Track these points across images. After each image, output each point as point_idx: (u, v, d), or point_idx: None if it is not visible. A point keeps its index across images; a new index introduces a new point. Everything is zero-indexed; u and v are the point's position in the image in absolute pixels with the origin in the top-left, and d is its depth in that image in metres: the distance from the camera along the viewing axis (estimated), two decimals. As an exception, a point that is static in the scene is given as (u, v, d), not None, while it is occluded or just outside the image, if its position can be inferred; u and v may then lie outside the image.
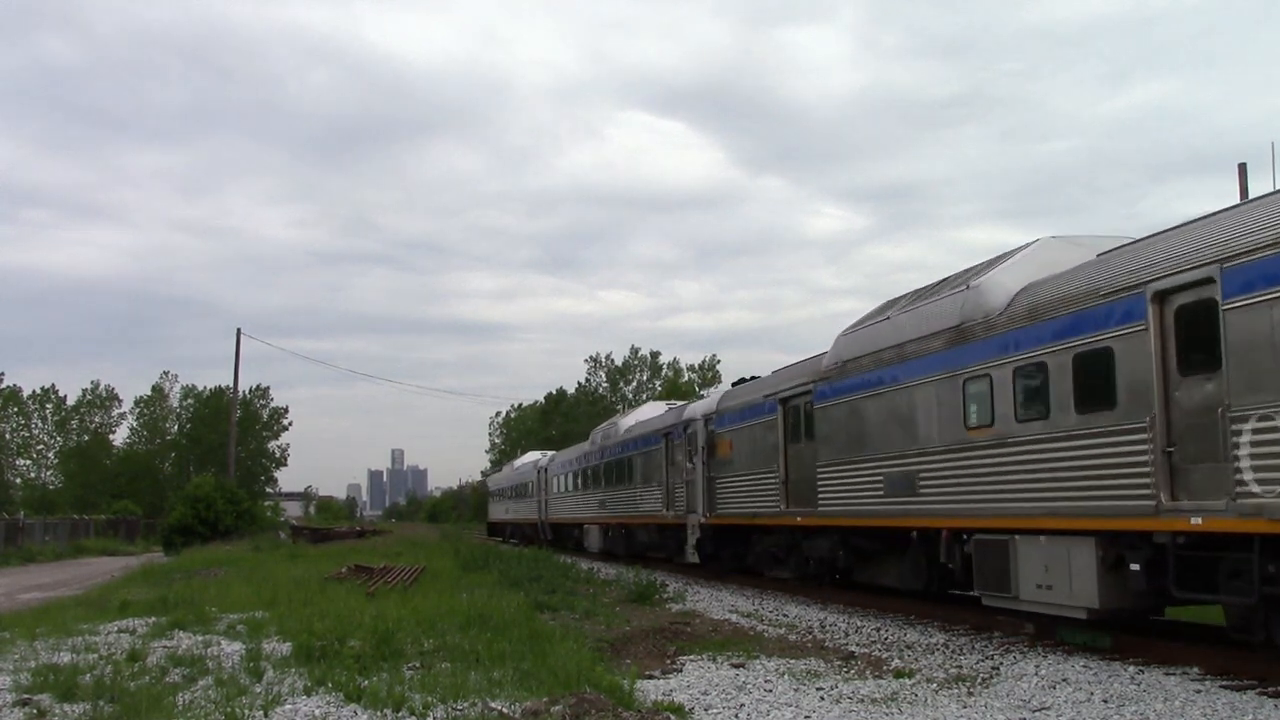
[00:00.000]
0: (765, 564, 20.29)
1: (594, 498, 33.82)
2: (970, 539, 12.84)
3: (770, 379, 20.19)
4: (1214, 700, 8.58)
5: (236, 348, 52.68)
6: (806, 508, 17.40)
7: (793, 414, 18.37)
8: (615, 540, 31.36)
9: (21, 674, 10.06)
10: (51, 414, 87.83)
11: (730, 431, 21.23)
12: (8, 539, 44.38)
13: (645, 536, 28.18)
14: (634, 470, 28.75)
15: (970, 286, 13.36)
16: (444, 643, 11.22)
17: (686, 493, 23.47)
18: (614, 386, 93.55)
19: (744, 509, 20.35)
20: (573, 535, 38.17)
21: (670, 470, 25.14)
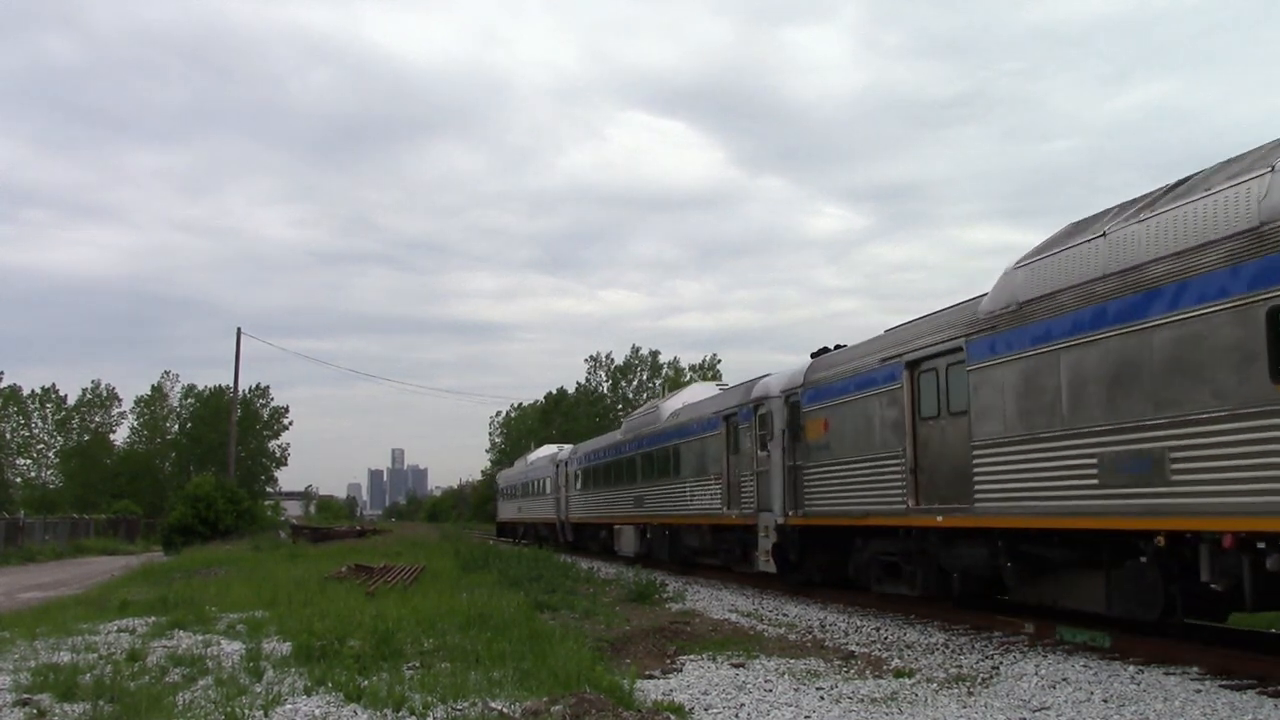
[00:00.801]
0: (874, 576, 15.79)
1: (628, 494, 29.61)
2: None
3: (887, 339, 15.73)
4: (1214, 700, 8.58)
5: (236, 348, 52.77)
6: (951, 504, 13.22)
7: (927, 380, 14.15)
8: (656, 543, 27.01)
9: (21, 674, 10.06)
10: (52, 413, 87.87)
11: (826, 409, 16.92)
12: (8, 538, 44.38)
13: (696, 540, 23.90)
14: (681, 461, 24.56)
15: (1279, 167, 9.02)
16: (444, 642, 11.22)
17: (757, 487, 19.37)
18: (614, 386, 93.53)
19: (846, 506, 16.17)
20: (598, 537, 34.53)
21: (733, 460, 21.07)
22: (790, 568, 18.69)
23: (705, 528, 23.05)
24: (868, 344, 16.39)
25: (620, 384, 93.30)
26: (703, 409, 23.67)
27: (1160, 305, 9.97)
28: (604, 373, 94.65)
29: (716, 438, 22.00)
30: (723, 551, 22.17)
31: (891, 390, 14.87)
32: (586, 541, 36.19)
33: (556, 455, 41.93)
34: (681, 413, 25.50)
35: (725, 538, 21.82)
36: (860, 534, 16.23)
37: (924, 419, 14.21)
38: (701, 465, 22.99)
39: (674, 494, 24.99)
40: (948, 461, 13.51)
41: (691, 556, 24.69)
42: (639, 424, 29.95)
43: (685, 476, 24.19)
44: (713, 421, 22.41)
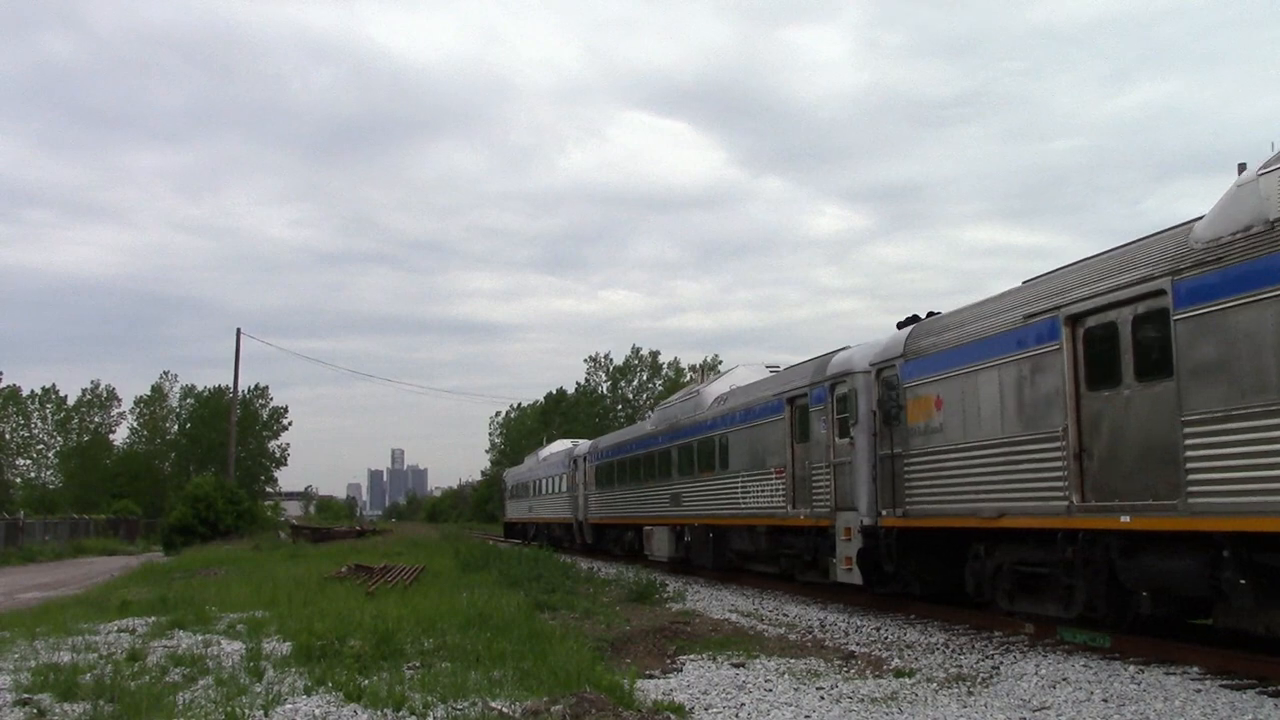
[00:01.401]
0: (1004, 592, 12.83)
1: (660, 492, 26.30)
2: None
3: (1033, 289, 12.46)
4: (1214, 700, 8.58)
5: (236, 348, 52.75)
6: (1143, 500, 10.24)
7: (1100, 337, 11.02)
8: (696, 547, 23.52)
9: (21, 673, 10.06)
10: (52, 414, 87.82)
11: (938, 383, 13.86)
12: (8, 539, 44.37)
13: (747, 543, 20.77)
14: (729, 453, 21.47)
15: None
16: (444, 642, 11.22)
17: (835, 481, 16.33)
18: (614, 386, 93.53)
19: (969, 503, 13.05)
20: (622, 539, 31.31)
21: (800, 450, 17.91)
22: (882, 579, 15.29)
23: (760, 530, 19.92)
24: (1000, 299, 13.22)
25: (620, 384, 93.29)
26: (758, 392, 20.55)
27: None
28: (604, 373, 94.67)
29: (777, 424, 18.91)
30: (784, 557, 19.05)
31: (1043, 353, 11.69)
32: (608, 544, 33.23)
33: (573, 450, 38.63)
34: (729, 398, 22.22)
35: (788, 541, 18.67)
36: (984, 538, 13.10)
37: (1094, 389, 10.97)
38: (757, 457, 19.89)
39: (720, 491, 21.87)
40: (1135, 444, 10.48)
41: (740, 562, 21.71)
42: (674, 413, 26.33)
43: (735, 470, 21.04)
44: (773, 405, 19.22)
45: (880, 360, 15.49)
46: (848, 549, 15.84)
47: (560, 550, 35.86)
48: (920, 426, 14.32)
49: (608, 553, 32.82)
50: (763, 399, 19.94)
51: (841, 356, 16.84)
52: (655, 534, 26.69)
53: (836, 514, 16.26)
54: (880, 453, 15.24)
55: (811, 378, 17.66)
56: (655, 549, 26.60)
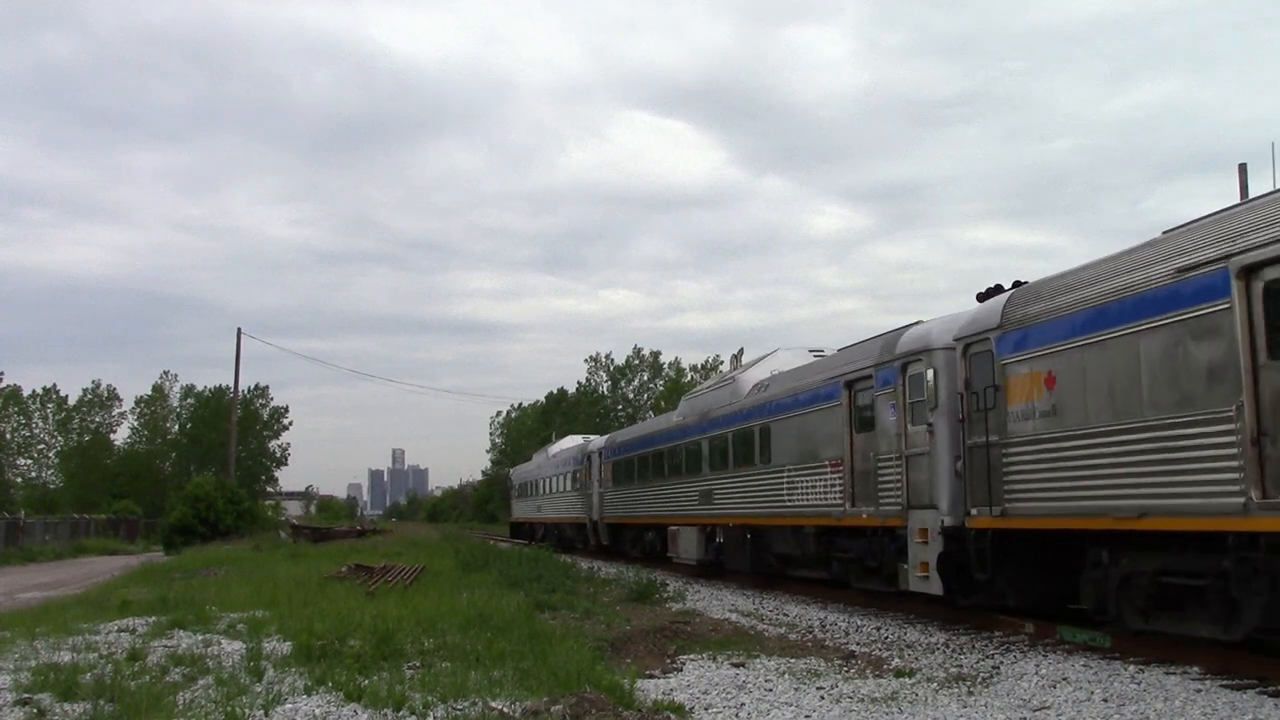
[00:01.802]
0: (1136, 608, 10.82)
1: (688, 489, 24.23)
2: None
3: (1186, 238, 10.43)
4: (1214, 700, 8.58)
5: (237, 347, 52.78)
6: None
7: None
8: (731, 549, 21.44)
9: (21, 673, 10.07)
10: (52, 414, 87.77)
11: (1048, 356, 11.85)
12: (8, 538, 44.37)
13: (793, 545, 18.47)
14: (773, 445, 19.28)
15: None
16: (444, 642, 11.23)
17: (906, 475, 14.37)
18: (614, 386, 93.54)
19: (1098, 500, 10.92)
20: (641, 540, 29.26)
21: (861, 440, 15.90)
22: (967, 588, 13.23)
23: (808, 531, 17.69)
24: (1135, 254, 11.14)
25: (620, 384, 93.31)
26: (808, 376, 18.26)
27: None
28: (604, 373, 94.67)
29: (832, 412, 16.79)
30: (837, 562, 16.85)
31: (1206, 314, 9.67)
32: (625, 545, 31.11)
33: (587, 445, 36.71)
34: (772, 384, 19.96)
35: (842, 544, 16.59)
36: (1108, 542, 11.06)
37: (1278, 358, 9.08)
38: (807, 449, 17.75)
39: (760, 487, 19.69)
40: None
41: (781, 567, 19.63)
42: (707, 402, 24.08)
43: (779, 464, 18.83)
44: (827, 391, 17.05)
45: (969, 334, 13.33)
46: (924, 553, 13.69)
47: (572, 552, 34.93)
48: (1025, 409, 12.16)
49: (624, 554, 30.93)
50: (814, 384, 17.69)
51: (915, 332, 14.79)
52: (682, 534, 24.43)
53: (909, 513, 14.20)
54: (969, 441, 13.10)
55: (877, 358, 15.46)
56: (682, 551, 24.32)
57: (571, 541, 37.34)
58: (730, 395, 22.44)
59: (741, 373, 23.12)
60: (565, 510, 38.60)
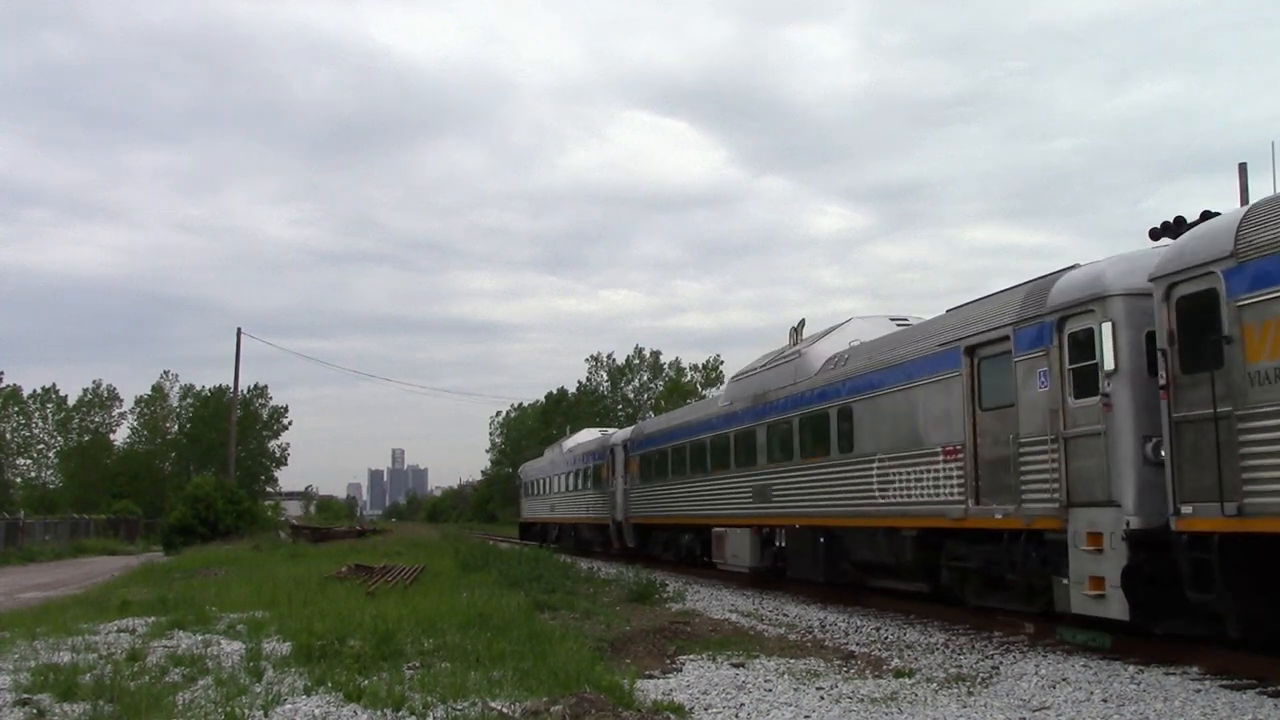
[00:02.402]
0: None
1: (740, 484, 21.03)
2: None
3: None
4: (1214, 700, 8.58)
5: (237, 348, 52.77)
6: None
7: None
8: (797, 556, 18.49)
9: (21, 673, 10.06)
10: (52, 414, 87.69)
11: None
12: (8, 539, 44.34)
13: (885, 552, 15.59)
14: (856, 429, 16.16)
15: None
16: (444, 642, 11.22)
17: (1066, 462, 11.39)
18: (615, 386, 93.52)
19: None
20: (676, 542, 26.34)
21: (991, 420, 12.90)
22: (1167, 610, 10.39)
23: (908, 534, 14.77)
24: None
25: (621, 384, 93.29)
26: (908, 344, 15.21)
27: None
28: (605, 373, 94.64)
29: (945, 385, 13.74)
30: (953, 572, 13.97)
31: None
32: (655, 548, 28.16)
33: (609, 438, 33.86)
34: (854, 356, 16.84)
35: (955, 550, 13.79)
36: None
37: None
38: (906, 433, 14.67)
39: (838, 481, 16.65)
40: None
41: (862, 576, 16.78)
42: (762, 383, 20.61)
43: (865, 453, 15.82)
44: (938, 360, 13.98)
45: (1176, 270, 10.21)
46: (1097, 565, 10.70)
47: (590, 555, 33.37)
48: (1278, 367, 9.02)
49: (654, 559, 27.96)
50: (917, 353, 14.61)
51: (1077, 277, 11.77)
52: (730, 537, 21.19)
53: (1069, 512, 11.21)
54: (1177, 415, 10.01)
55: (1018, 314, 12.41)
56: (730, 556, 21.12)
57: (589, 544, 35.24)
58: (794, 373, 18.95)
59: (809, 346, 19.15)
60: (583, 510, 35.50)
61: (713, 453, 23.00)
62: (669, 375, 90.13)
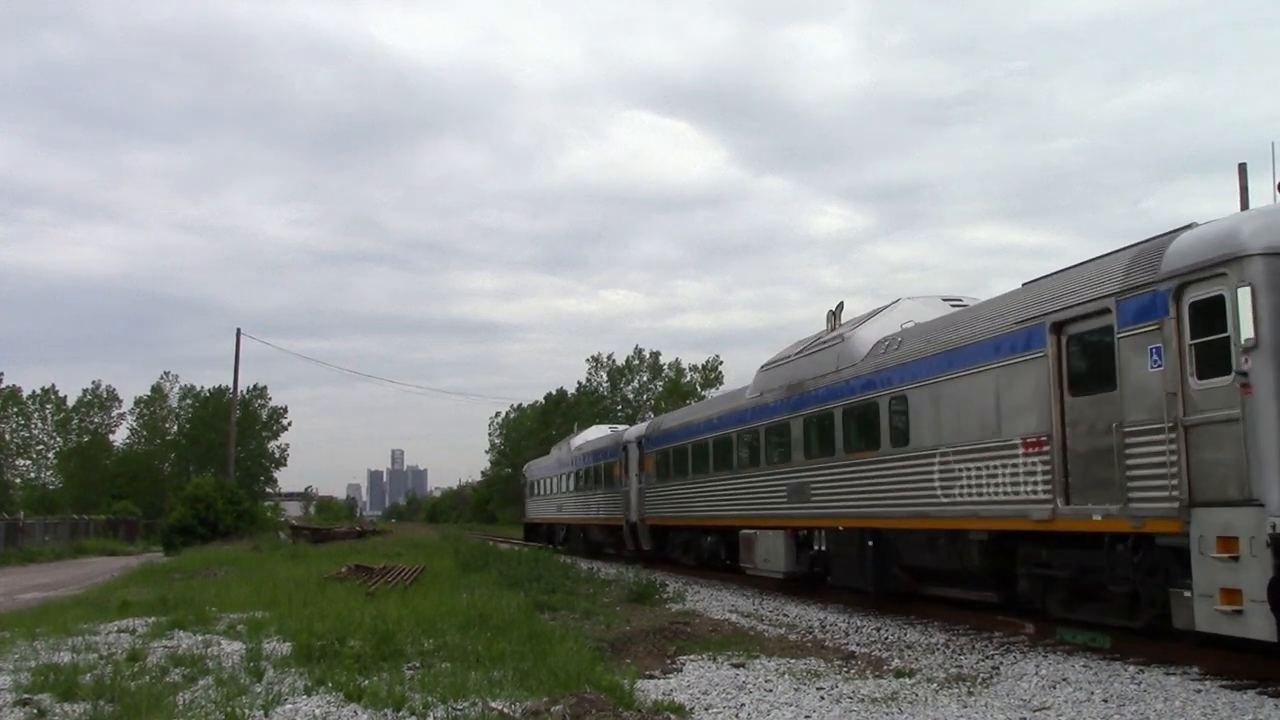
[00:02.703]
0: None
1: (773, 482, 19.18)
2: None
3: None
4: (1214, 700, 8.58)
5: (236, 348, 52.76)
6: None
7: None
8: (842, 561, 16.48)
9: (21, 674, 10.07)
10: (52, 414, 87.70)
11: None
12: (8, 539, 44.34)
13: (947, 556, 13.98)
14: (913, 420, 14.40)
15: None
16: (444, 643, 11.23)
17: (1186, 454, 9.90)
18: (615, 386, 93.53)
19: None
20: (697, 545, 24.48)
21: (1084, 407, 11.32)
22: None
23: (976, 538, 13.14)
24: None
25: (621, 384, 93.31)
26: (978, 323, 13.40)
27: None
28: (605, 373, 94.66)
29: (1025, 368, 12.06)
30: (1034, 581, 12.26)
31: None
32: (674, 551, 26.50)
33: (621, 435, 31.94)
34: (909, 339, 15.11)
35: (1044, 557, 12.03)
36: None
37: None
38: (977, 422, 12.92)
39: (893, 477, 14.87)
40: None
41: (920, 584, 15.31)
42: (798, 371, 18.65)
43: (926, 446, 14.01)
44: (1018, 339, 12.24)
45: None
46: (1232, 575, 9.12)
47: (601, 558, 32.24)
48: None
49: (672, 562, 26.61)
50: (992, 331, 12.89)
51: (1202, 236, 10.11)
52: (761, 540, 19.41)
53: (1193, 512, 9.66)
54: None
55: (1122, 281, 10.82)
56: (761, 560, 19.40)
57: (600, 546, 33.79)
58: (837, 359, 17.07)
59: (853, 330, 17.29)
60: (594, 510, 33.70)
61: (740, 448, 21.27)
62: (669, 376, 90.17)
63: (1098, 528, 10.90)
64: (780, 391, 19.28)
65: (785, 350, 20.61)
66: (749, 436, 20.73)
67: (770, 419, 19.60)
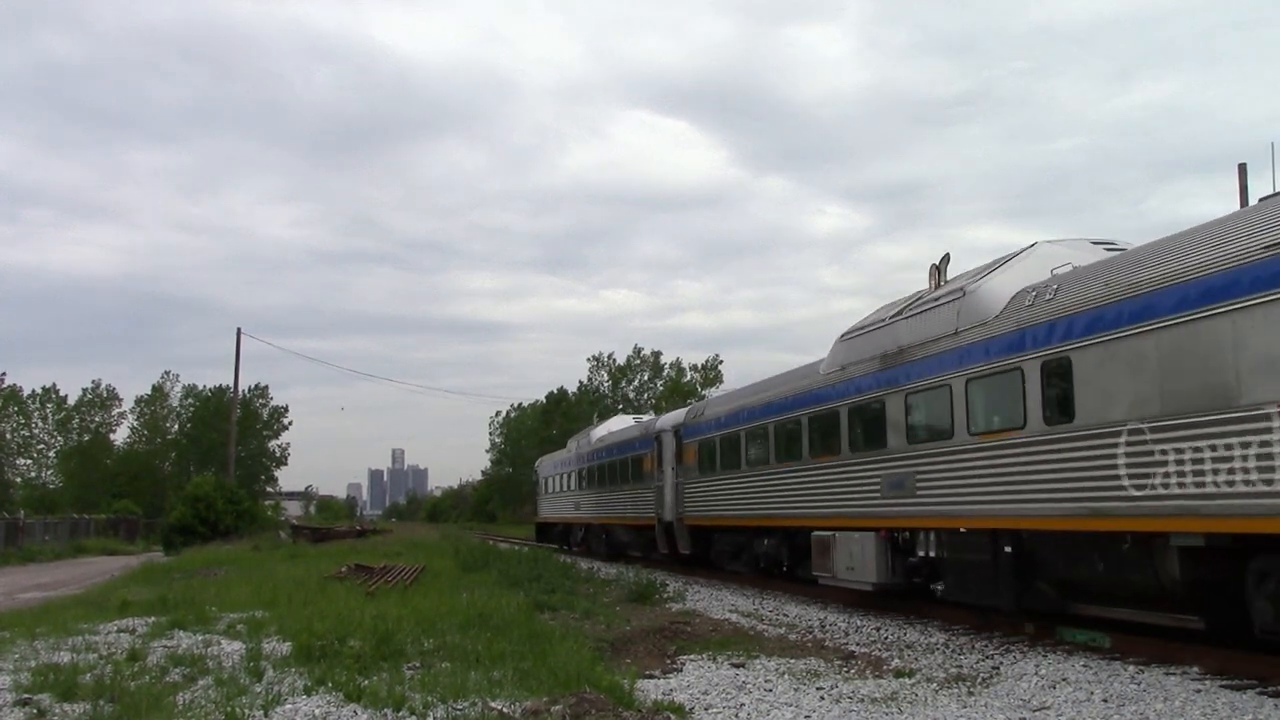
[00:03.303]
0: None
1: (860, 473, 16.00)
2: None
3: None
4: (1214, 700, 8.58)
5: (237, 348, 52.80)
6: None
7: None
8: (962, 569, 13.45)
9: (21, 674, 10.06)
10: (52, 414, 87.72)
11: None
12: (8, 539, 44.35)
13: (1129, 568, 10.94)
14: (1076, 391, 11.37)
15: None
16: (444, 642, 11.22)
17: None
18: (615, 386, 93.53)
19: None
20: (751, 548, 21.13)
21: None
22: None
23: (1176, 543, 10.14)
24: None
25: (621, 384, 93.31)
26: (1199, 252, 10.03)
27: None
28: (605, 373, 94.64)
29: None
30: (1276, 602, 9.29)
31: None
32: (719, 555, 23.19)
33: (654, 424, 28.55)
34: (1067, 287, 12.00)
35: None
36: None
37: None
38: (1196, 385, 9.73)
39: (1047, 464, 11.71)
40: None
41: (1077, 601, 12.05)
42: (898, 337, 15.35)
43: (1108, 421, 10.80)
44: (1270, 269, 9.07)
45: None
46: None
47: (626, 560, 29.17)
48: None
49: (715, 568, 23.63)
50: (1226, 261, 9.58)
51: None
52: (842, 544, 16.06)
53: None
54: None
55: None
56: (841, 568, 16.01)
57: (625, 548, 30.96)
58: (955, 319, 13.91)
59: (977, 281, 13.97)
60: (619, 509, 30.44)
61: (813, 434, 17.86)
62: (670, 375, 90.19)
63: None
64: (871, 363, 15.94)
65: (872, 315, 17.08)
66: (825, 419, 17.39)
67: (856, 397, 16.28)
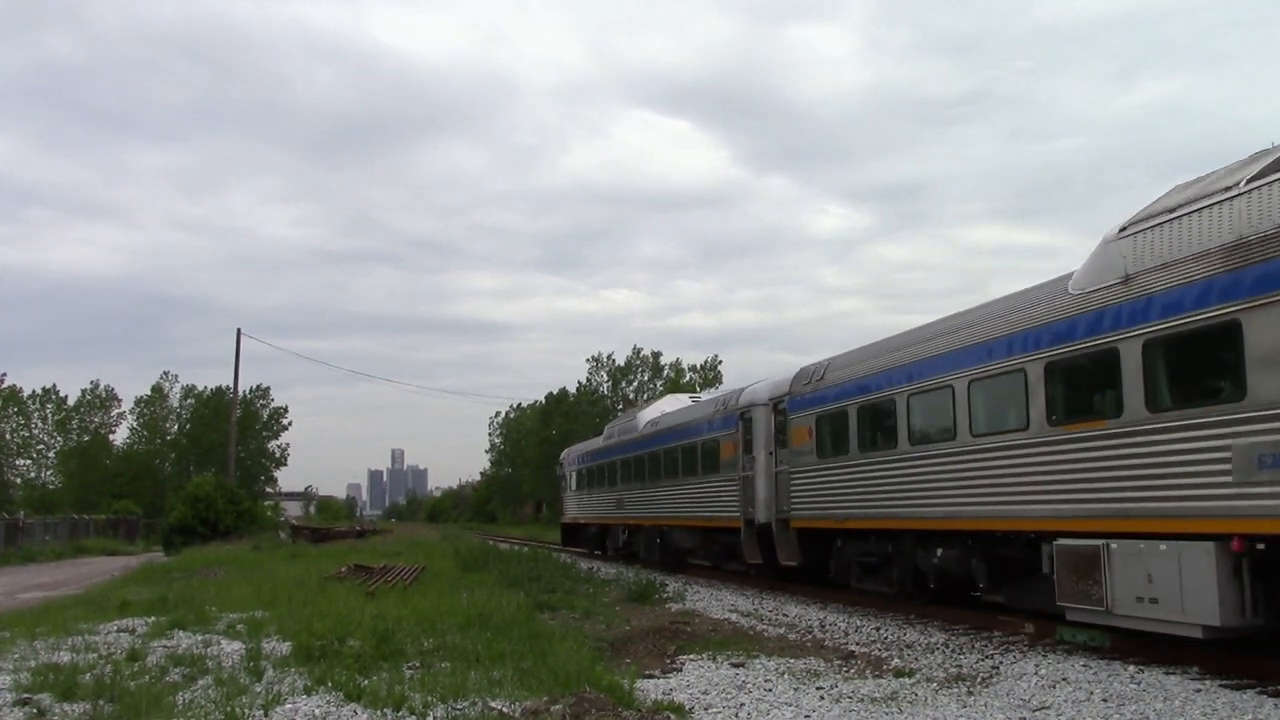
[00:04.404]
0: None
1: (1184, 447, 9.68)
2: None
3: None
4: (1214, 700, 8.58)
5: (237, 348, 52.80)
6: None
7: None
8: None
9: (21, 673, 10.07)
10: (52, 414, 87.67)
11: None
12: (8, 539, 44.37)
13: None
14: None
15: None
16: (444, 642, 11.22)
17: None
18: (615, 386, 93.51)
19: None
20: (913, 561, 14.98)
21: None
22: None
23: None
24: None
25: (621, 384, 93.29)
26: None
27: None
28: (605, 373, 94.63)
29: None
30: None
31: None
32: (848, 570, 17.04)
33: (737, 398, 21.64)
34: None
35: None
36: None
37: None
38: None
39: None
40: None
41: None
42: (1250, 215, 9.24)
43: None
44: None
45: None
46: None
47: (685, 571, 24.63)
48: None
49: (837, 586, 17.82)
50: None
51: None
52: (1132, 560, 10.19)
53: None
54: None
55: None
56: (1130, 598, 10.23)
57: (690, 554, 25.27)
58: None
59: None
60: (682, 507, 24.48)
61: (1053, 389, 11.73)
62: (669, 376, 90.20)
63: None
64: (1198, 264, 9.76)
65: (1156, 203, 11.09)
66: (1084, 364, 11.33)
67: (1166, 322, 10.07)
